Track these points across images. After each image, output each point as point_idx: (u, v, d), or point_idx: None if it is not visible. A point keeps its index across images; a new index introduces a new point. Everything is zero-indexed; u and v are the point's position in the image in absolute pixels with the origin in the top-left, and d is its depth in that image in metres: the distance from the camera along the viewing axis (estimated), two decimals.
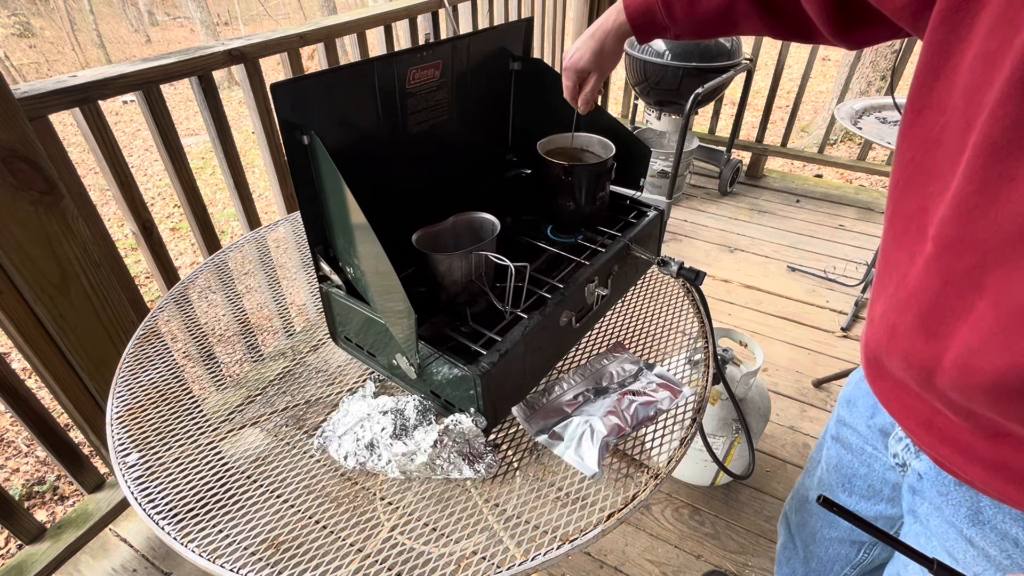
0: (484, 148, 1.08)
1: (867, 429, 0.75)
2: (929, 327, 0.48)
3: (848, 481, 0.79)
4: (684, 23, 0.75)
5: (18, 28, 11.62)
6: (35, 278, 1.10)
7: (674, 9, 0.75)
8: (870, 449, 0.75)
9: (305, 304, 1.14)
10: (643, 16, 0.78)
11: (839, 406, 0.82)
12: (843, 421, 0.80)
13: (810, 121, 5.97)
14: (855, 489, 0.78)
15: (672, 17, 0.75)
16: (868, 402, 0.74)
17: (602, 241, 0.97)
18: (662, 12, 0.76)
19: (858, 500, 0.78)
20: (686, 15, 0.74)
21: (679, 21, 0.75)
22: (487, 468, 0.72)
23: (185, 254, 4.27)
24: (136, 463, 0.75)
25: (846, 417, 0.79)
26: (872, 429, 0.74)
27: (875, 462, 0.75)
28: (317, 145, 0.68)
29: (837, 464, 0.81)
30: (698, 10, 0.73)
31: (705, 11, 0.73)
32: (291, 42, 1.53)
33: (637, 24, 0.79)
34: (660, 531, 1.50)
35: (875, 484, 0.76)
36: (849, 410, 0.79)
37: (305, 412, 0.86)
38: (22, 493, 2.28)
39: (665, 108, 2.82)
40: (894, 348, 0.53)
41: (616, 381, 0.86)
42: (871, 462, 0.75)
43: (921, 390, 0.53)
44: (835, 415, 0.83)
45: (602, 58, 0.83)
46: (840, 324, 2.21)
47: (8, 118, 0.99)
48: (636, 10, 0.78)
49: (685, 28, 0.76)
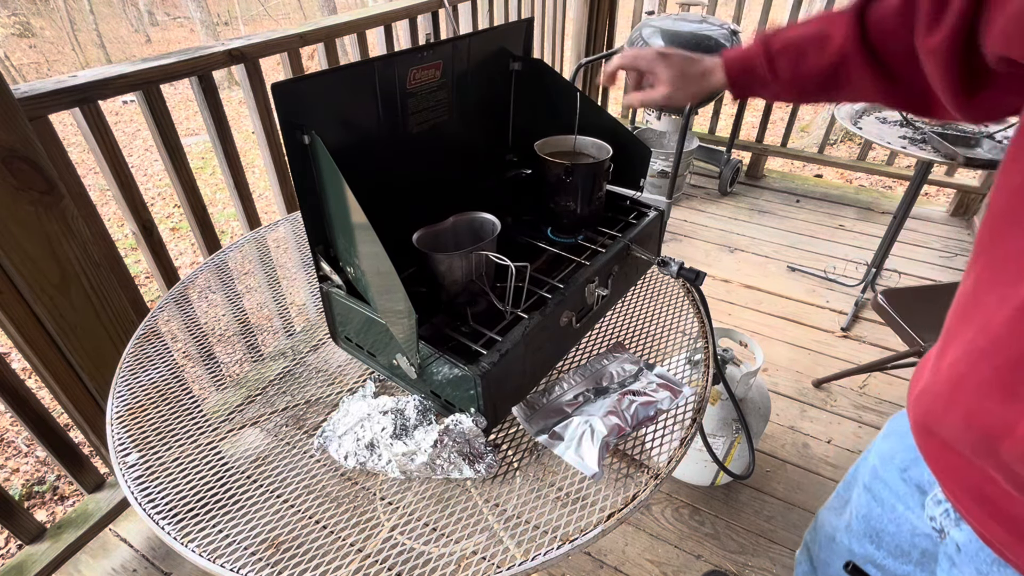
0: (484, 148, 1.08)
1: (902, 483, 0.67)
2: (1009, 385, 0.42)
3: (876, 535, 0.73)
4: (786, 80, 0.70)
5: (18, 28, 11.62)
6: (35, 278, 1.10)
7: (777, 64, 0.69)
8: (901, 508, 0.68)
9: (305, 304, 1.14)
10: (743, 68, 0.73)
11: (874, 450, 0.75)
12: (876, 473, 0.72)
13: (810, 121, 5.97)
14: (883, 544, 0.72)
15: (774, 72, 0.70)
16: (906, 451, 0.67)
17: (602, 241, 0.97)
18: (764, 66, 0.70)
19: (885, 555, 0.72)
20: (790, 71, 0.69)
21: (781, 77, 0.70)
22: (487, 468, 0.72)
23: (185, 254, 4.27)
24: (136, 463, 0.75)
25: (879, 468, 0.72)
26: (908, 484, 0.66)
27: (905, 523, 0.67)
28: (318, 145, 0.68)
29: (867, 515, 0.75)
30: (804, 68, 0.67)
31: (812, 69, 0.67)
32: (291, 42, 1.53)
33: (735, 77, 0.74)
34: (660, 531, 1.50)
35: (903, 545, 0.69)
36: (883, 461, 0.71)
37: (305, 412, 0.86)
38: (22, 493, 2.28)
39: (665, 108, 2.82)
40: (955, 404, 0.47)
41: (616, 381, 0.86)
42: (901, 522, 0.68)
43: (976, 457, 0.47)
44: (870, 461, 0.75)
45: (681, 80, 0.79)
46: (840, 324, 2.21)
47: (8, 118, 0.99)
48: (736, 61, 0.74)
49: (787, 86, 0.71)
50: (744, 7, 2.91)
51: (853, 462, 1.76)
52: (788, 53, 0.68)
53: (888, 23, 0.59)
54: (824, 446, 1.73)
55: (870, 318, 2.24)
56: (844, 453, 1.71)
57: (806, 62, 0.67)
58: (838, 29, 0.64)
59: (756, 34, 0.74)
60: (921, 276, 2.49)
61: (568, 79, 1.17)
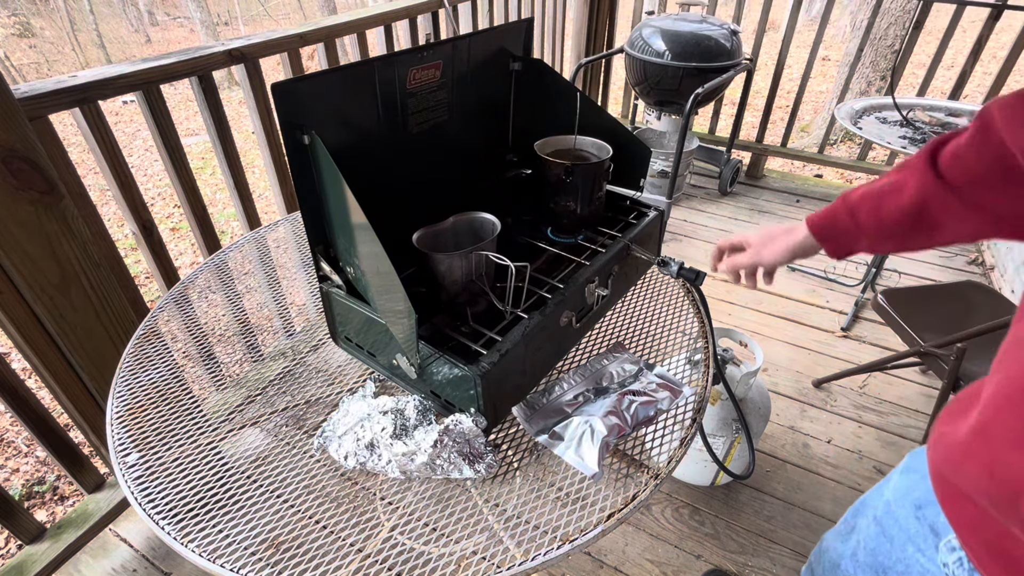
0: (484, 148, 1.08)
1: (915, 522, 0.64)
2: None
3: (883, 571, 0.70)
4: (872, 228, 0.69)
5: (18, 28, 11.62)
6: (35, 278, 1.10)
7: (859, 214, 0.69)
8: (912, 550, 0.64)
9: (305, 304, 1.14)
10: (825, 224, 0.74)
11: (891, 484, 0.71)
12: (890, 508, 0.69)
13: (810, 121, 5.97)
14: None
15: (856, 221, 0.69)
16: (924, 489, 0.63)
17: (602, 241, 0.97)
18: (846, 218, 0.70)
19: None
20: (873, 219, 0.68)
21: (865, 226, 0.69)
22: (487, 468, 0.72)
23: (185, 254, 4.27)
24: (136, 463, 0.75)
25: (892, 503, 0.69)
26: (922, 523, 0.63)
27: (915, 565, 0.64)
28: (318, 145, 0.68)
29: (874, 549, 0.72)
30: (885, 214, 0.66)
31: (893, 214, 0.65)
32: (291, 42, 1.53)
33: (819, 232, 0.75)
34: (660, 531, 1.50)
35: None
36: (898, 497, 0.69)
37: (305, 412, 0.86)
38: (22, 493, 2.28)
39: (665, 108, 2.82)
40: (977, 453, 0.45)
41: (616, 381, 0.86)
42: (910, 563, 0.65)
43: (996, 510, 0.45)
44: (885, 495, 0.72)
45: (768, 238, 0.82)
46: (840, 324, 2.21)
47: (8, 118, 0.99)
48: (818, 217, 0.75)
49: (876, 235, 0.69)
50: (744, 7, 2.91)
51: (853, 462, 1.76)
52: (867, 202, 0.68)
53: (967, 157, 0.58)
54: (824, 446, 1.73)
55: (870, 318, 2.24)
56: (844, 453, 1.71)
57: (886, 208, 0.66)
58: (911, 173, 0.64)
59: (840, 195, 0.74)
60: (921, 276, 2.49)
61: (568, 79, 1.17)
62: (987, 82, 2.56)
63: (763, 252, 0.82)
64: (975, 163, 0.58)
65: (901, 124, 2.02)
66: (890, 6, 4.34)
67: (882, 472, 1.65)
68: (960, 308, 1.61)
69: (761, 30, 2.92)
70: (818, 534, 1.49)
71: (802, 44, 3.63)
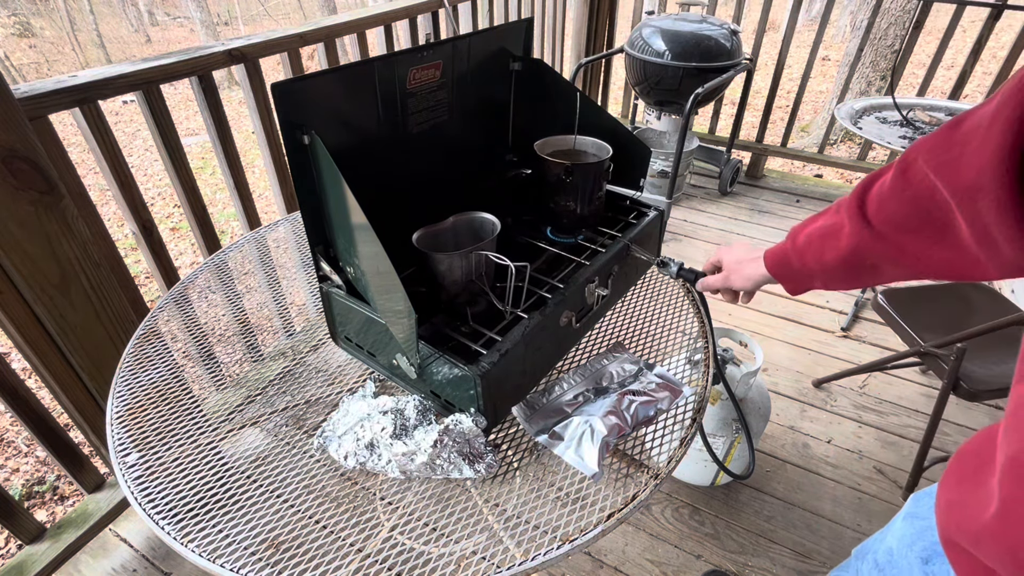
0: (484, 148, 1.08)
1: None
2: None
3: None
4: (820, 272, 0.68)
5: (18, 28, 11.62)
6: (35, 278, 1.10)
7: (806, 258, 0.69)
8: None
9: (305, 304, 1.14)
10: (777, 262, 0.74)
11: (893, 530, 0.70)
12: (892, 556, 0.68)
13: (810, 121, 5.97)
14: None
15: (805, 264, 0.69)
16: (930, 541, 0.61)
17: (602, 241, 0.97)
18: (797, 261, 0.70)
19: None
20: (818, 263, 0.67)
21: (814, 270, 0.69)
22: (487, 468, 0.72)
23: (185, 254, 4.27)
24: (136, 463, 0.75)
25: (895, 551, 0.67)
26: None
27: None
28: (318, 145, 0.68)
29: None
30: (828, 259, 0.66)
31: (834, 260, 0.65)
32: (291, 42, 1.53)
33: (774, 270, 0.75)
34: (660, 531, 1.50)
35: None
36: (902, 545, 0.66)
37: (305, 412, 0.86)
38: (22, 493, 2.28)
39: (665, 108, 2.82)
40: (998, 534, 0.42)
41: (616, 381, 0.86)
42: None
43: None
44: (887, 541, 0.71)
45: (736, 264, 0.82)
46: (840, 324, 2.21)
47: (8, 118, 0.99)
48: (772, 255, 0.75)
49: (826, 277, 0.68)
50: (744, 7, 2.91)
51: (853, 462, 1.76)
52: (811, 247, 0.68)
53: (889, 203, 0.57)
54: (824, 446, 1.73)
55: (870, 318, 2.24)
56: (844, 453, 1.71)
57: (828, 254, 0.65)
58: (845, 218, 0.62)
59: (790, 230, 0.74)
60: None
61: (568, 79, 1.17)
62: (987, 82, 2.57)
63: (732, 278, 0.82)
64: (896, 208, 0.56)
65: (901, 124, 2.02)
66: (890, 6, 4.34)
67: (882, 472, 1.65)
68: (960, 308, 1.61)
69: (761, 30, 2.92)
70: (818, 534, 1.50)
71: (802, 44, 3.63)
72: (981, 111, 0.46)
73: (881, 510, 1.56)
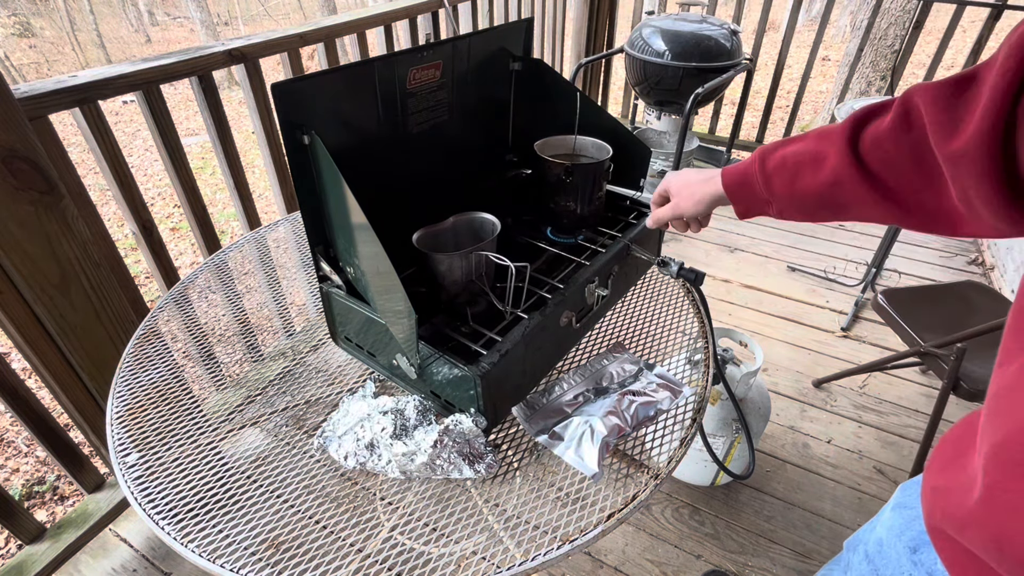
0: (484, 148, 1.08)
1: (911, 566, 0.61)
2: None
3: None
4: (785, 199, 0.66)
5: (18, 28, 11.62)
6: (35, 278, 1.10)
7: (773, 183, 0.66)
8: None
9: (305, 304, 1.14)
10: (739, 183, 0.71)
11: (882, 521, 0.70)
12: (882, 546, 0.68)
13: (810, 121, 5.97)
14: None
15: (771, 190, 0.67)
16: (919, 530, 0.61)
17: (602, 241, 0.97)
18: (760, 184, 0.68)
19: None
20: (787, 190, 0.65)
21: (778, 195, 0.66)
22: (487, 468, 0.72)
23: (185, 254, 4.27)
24: (136, 463, 0.75)
25: (885, 541, 0.67)
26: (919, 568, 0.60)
27: None
28: (318, 145, 0.68)
29: None
30: (800, 187, 0.63)
31: (808, 189, 0.63)
32: (291, 42, 1.53)
33: (733, 191, 0.72)
34: (660, 531, 1.50)
35: None
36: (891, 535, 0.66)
37: (305, 412, 0.86)
38: (22, 493, 2.28)
39: (665, 108, 2.82)
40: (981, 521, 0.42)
41: (616, 381, 0.86)
42: None
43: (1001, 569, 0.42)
44: (877, 532, 0.70)
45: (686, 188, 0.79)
46: (840, 324, 2.21)
47: (8, 118, 0.99)
48: (733, 175, 0.71)
49: (788, 205, 0.67)
50: (744, 7, 2.91)
51: (853, 462, 1.76)
52: (783, 171, 0.65)
53: (885, 144, 0.56)
54: (824, 446, 1.73)
55: (870, 318, 2.24)
56: (844, 453, 1.71)
57: (802, 181, 0.63)
58: (831, 149, 0.60)
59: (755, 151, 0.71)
60: (921, 276, 2.49)
61: (568, 79, 1.17)
62: None
63: (682, 204, 0.80)
64: (893, 151, 0.55)
65: None
66: (890, 6, 4.34)
67: (882, 472, 1.65)
68: (960, 308, 1.61)
69: (761, 30, 2.92)
70: (818, 534, 1.50)
71: (802, 44, 3.63)
72: (982, 74, 0.46)
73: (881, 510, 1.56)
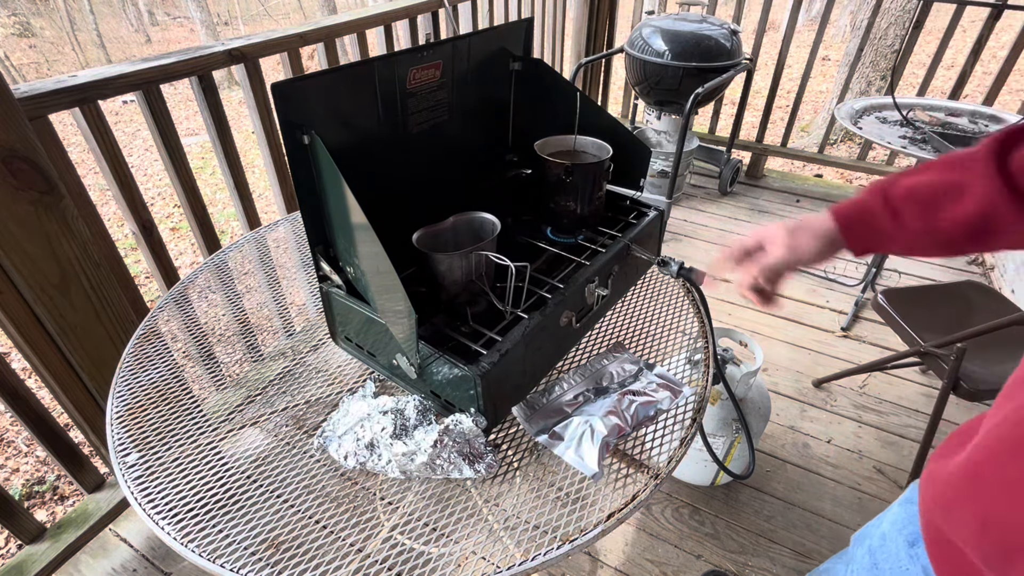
0: (484, 148, 1.08)
1: (908, 560, 0.60)
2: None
3: None
4: (920, 233, 0.60)
5: (18, 28, 11.62)
6: (35, 278, 1.10)
7: (904, 216, 0.60)
8: None
9: (305, 304, 1.14)
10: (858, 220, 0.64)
11: (888, 514, 0.69)
12: (884, 540, 0.67)
13: (810, 121, 5.97)
14: None
15: (900, 224, 0.61)
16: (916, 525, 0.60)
17: (602, 241, 0.97)
18: (886, 218, 0.61)
19: None
20: (922, 223, 0.59)
21: (911, 229, 0.60)
22: (487, 468, 0.72)
23: (185, 254, 4.27)
24: (136, 463, 0.75)
25: (887, 534, 0.67)
26: (914, 562, 0.60)
27: None
28: (318, 145, 0.68)
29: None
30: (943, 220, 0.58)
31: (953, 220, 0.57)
32: (291, 42, 1.53)
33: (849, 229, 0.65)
34: (660, 531, 1.50)
35: None
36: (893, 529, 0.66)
37: (305, 412, 0.86)
38: (22, 493, 2.28)
39: (665, 108, 2.82)
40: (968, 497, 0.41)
41: (616, 381, 0.86)
42: None
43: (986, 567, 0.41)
44: (882, 526, 0.70)
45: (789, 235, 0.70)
46: (840, 324, 2.21)
47: (8, 118, 0.99)
48: (849, 213, 0.65)
49: (921, 239, 0.61)
50: (744, 7, 2.91)
51: (853, 462, 1.76)
52: (915, 204, 0.60)
53: None
54: (824, 446, 1.73)
55: (870, 318, 2.24)
56: (844, 453, 1.71)
57: (944, 213, 0.58)
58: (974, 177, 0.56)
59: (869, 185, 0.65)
60: (921, 276, 2.49)
61: (568, 79, 1.17)
62: (987, 82, 2.56)
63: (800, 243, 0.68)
64: None
65: (901, 124, 2.02)
66: (890, 6, 4.34)
67: (882, 472, 1.65)
68: (960, 308, 1.61)
69: (761, 30, 2.92)
70: (818, 534, 1.50)
71: (802, 44, 3.63)
72: None
73: (881, 510, 1.55)
